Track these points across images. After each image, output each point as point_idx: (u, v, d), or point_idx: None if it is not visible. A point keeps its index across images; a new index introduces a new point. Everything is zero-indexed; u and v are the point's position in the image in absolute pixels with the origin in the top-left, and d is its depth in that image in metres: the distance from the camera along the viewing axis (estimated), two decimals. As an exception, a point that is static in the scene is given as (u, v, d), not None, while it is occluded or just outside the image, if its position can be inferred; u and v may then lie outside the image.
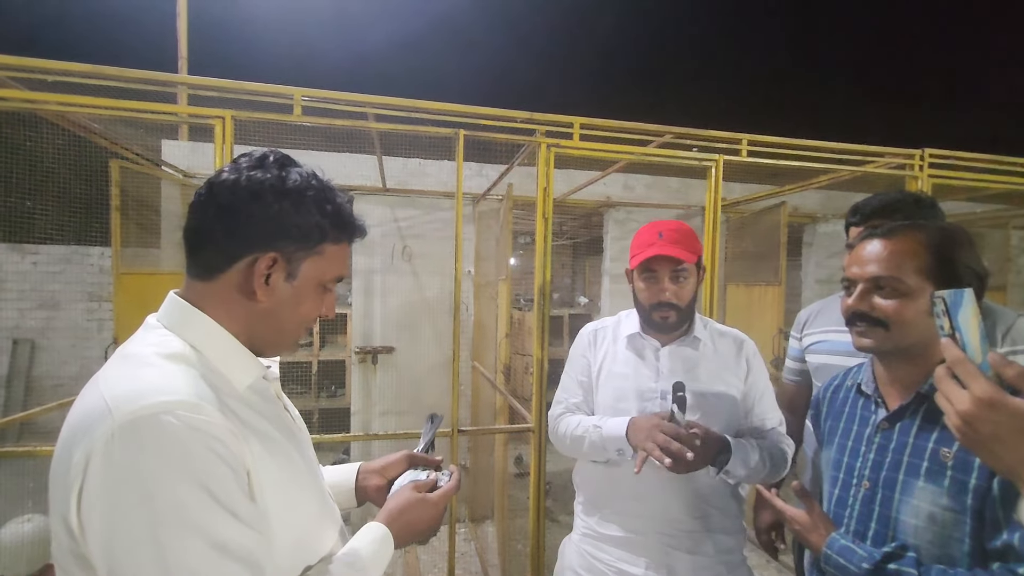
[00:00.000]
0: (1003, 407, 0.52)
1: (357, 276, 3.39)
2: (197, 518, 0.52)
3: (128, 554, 0.50)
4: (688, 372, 1.20)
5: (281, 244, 0.64)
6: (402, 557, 3.07)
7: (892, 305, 0.83)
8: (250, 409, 0.64)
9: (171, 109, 1.76)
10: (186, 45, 4.92)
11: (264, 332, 0.67)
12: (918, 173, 2.40)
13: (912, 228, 0.85)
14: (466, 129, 2.02)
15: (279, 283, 0.65)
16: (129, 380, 0.56)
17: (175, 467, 0.52)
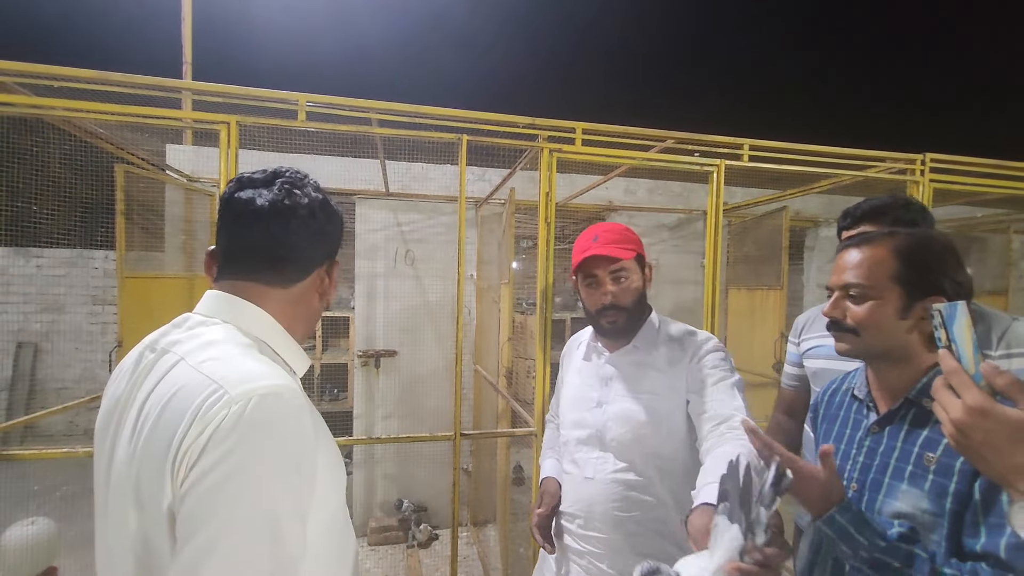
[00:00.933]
0: (994, 415, 0.54)
1: (360, 280, 3.40)
2: (296, 486, 0.58)
3: (245, 512, 0.54)
4: (626, 379, 1.17)
5: (336, 251, 0.79)
6: (404, 561, 3.07)
7: (860, 311, 0.85)
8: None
9: (177, 115, 1.78)
10: (190, 51, 4.95)
11: (308, 327, 0.78)
12: (919, 178, 2.40)
13: (885, 236, 0.87)
14: (469, 134, 2.03)
15: (330, 284, 0.79)
16: (231, 365, 0.61)
17: (300, 444, 0.59)
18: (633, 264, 1.15)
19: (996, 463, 0.55)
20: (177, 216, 3.01)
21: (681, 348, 1.16)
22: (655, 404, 1.12)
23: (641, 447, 1.12)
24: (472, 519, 3.50)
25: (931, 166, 2.41)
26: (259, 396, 0.57)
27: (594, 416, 1.17)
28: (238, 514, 0.53)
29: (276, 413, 0.58)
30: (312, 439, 0.62)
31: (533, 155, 2.14)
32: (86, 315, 5.24)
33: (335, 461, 0.71)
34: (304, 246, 0.72)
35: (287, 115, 1.93)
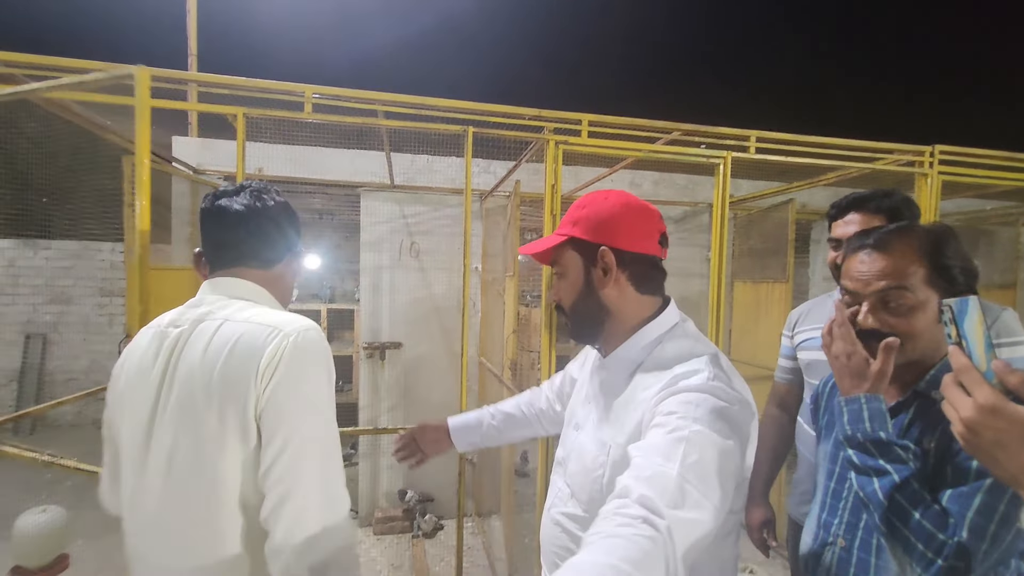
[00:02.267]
0: (1005, 414, 0.52)
1: (365, 273, 3.41)
2: (331, 385, 0.87)
3: (306, 402, 0.82)
4: (603, 403, 0.90)
5: (298, 240, 1.02)
6: (409, 550, 3.10)
7: (904, 321, 0.81)
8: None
9: (188, 107, 1.78)
10: (196, 43, 4.94)
11: (286, 298, 1.01)
12: (928, 170, 2.38)
13: (905, 235, 0.83)
14: (475, 126, 2.03)
15: (299, 264, 1.04)
16: (274, 316, 0.87)
17: (328, 360, 0.87)
18: (568, 254, 0.88)
19: (1007, 463, 0.54)
20: (183, 208, 3.02)
21: (661, 373, 0.81)
22: (603, 455, 0.83)
23: (600, 490, 0.81)
24: (477, 510, 3.53)
25: (940, 158, 2.39)
26: (304, 330, 0.84)
27: (569, 438, 0.96)
28: (310, 403, 0.82)
29: (315, 341, 0.85)
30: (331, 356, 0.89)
31: (539, 147, 2.13)
32: (93, 306, 5.28)
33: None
34: (276, 236, 0.96)
35: (292, 107, 1.93)
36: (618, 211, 0.85)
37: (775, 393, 1.63)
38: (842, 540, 0.91)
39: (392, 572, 2.89)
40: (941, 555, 0.70)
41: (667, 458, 0.64)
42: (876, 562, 0.85)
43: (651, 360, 0.85)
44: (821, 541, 0.96)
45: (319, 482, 0.80)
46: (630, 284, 0.86)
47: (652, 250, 0.87)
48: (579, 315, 0.90)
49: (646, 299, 0.88)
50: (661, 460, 0.64)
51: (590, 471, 0.83)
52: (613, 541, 0.55)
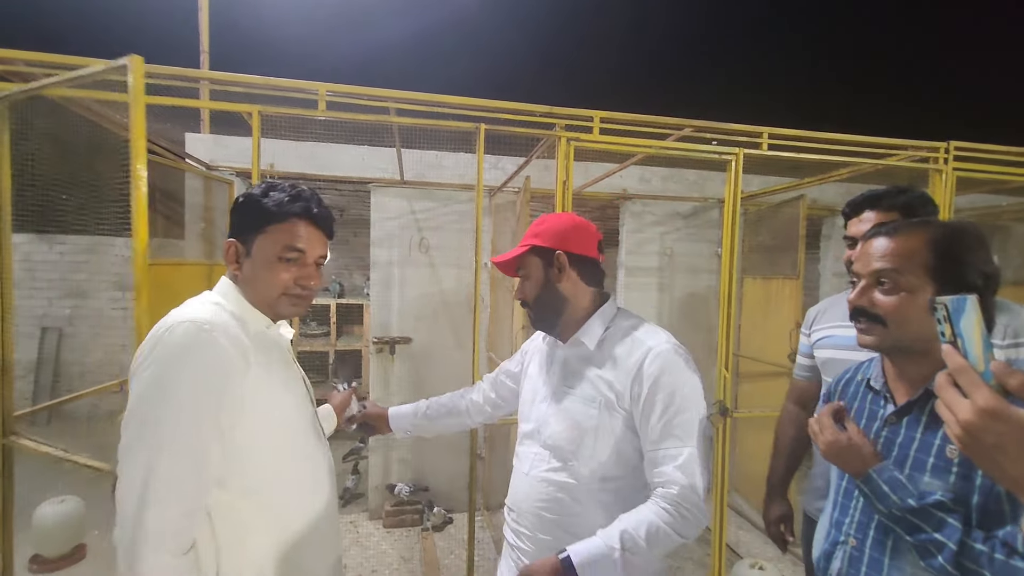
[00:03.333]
0: (1006, 418, 0.50)
1: (375, 268, 3.43)
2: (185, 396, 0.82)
3: (132, 405, 0.82)
4: (568, 376, 1.12)
5: (237, 233, 0.97)
6: (419, 543, 3.14)
7: (891, 301, 0.84)
8: (259, 343, 0.94)
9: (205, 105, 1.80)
10: (207, 40, 4.97)
11: (255, 295, 0.97)
12: (942, 166, 2.36)
13: (919, 226, 0.85)
14: (486, 123, 2.03)
15: (242, 259, 0.97)
16: (175, 311, 0.88)
17: (179, 359, 0.82)
18: (531, 259, 1.12)
19: (1008, 468, 0.52)
20: (197, 204, 3.05)
21: (626, 356, 1.05)
22: (593, 407, 1.05)
23: (579, 450, 1.05)
24: (486, 504, 3.56)
25: (955, 154, 2.37)
26: (176, 324, 0.83)
27: (537, 411, 1.15)
28: (133, 406, 0.83)
29: (169, 340, 0.82)
30: (222, 359, 0.84)
31: (550, 143, 2.13)
32: (108, 300, 5.35)
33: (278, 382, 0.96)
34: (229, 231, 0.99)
35: (305, 104, 1.94)
36: (567, 226, 1.12)
37: (793, 390, 1.64)
38: (853, 539, 0.90)
39: (402, 564, 2.93)
40: None
41: (678, 451, 0.98)
42: (889, 561, 0.84)
43: (613, 332, 1.10)
44: (832, 540, 0.95)
45: (130, 487, 0.78)
46: (580, 279, 1.12)
47: (593, 253, 1.13)
48: (542, 306, 1.13)
49: (592, 290, 1.14)
50: (675, 455, 0.98)
51: (580, 423, 1.05)
52: (656, 507, 0.96)
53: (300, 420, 1.00)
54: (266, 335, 0.98)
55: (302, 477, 0.99)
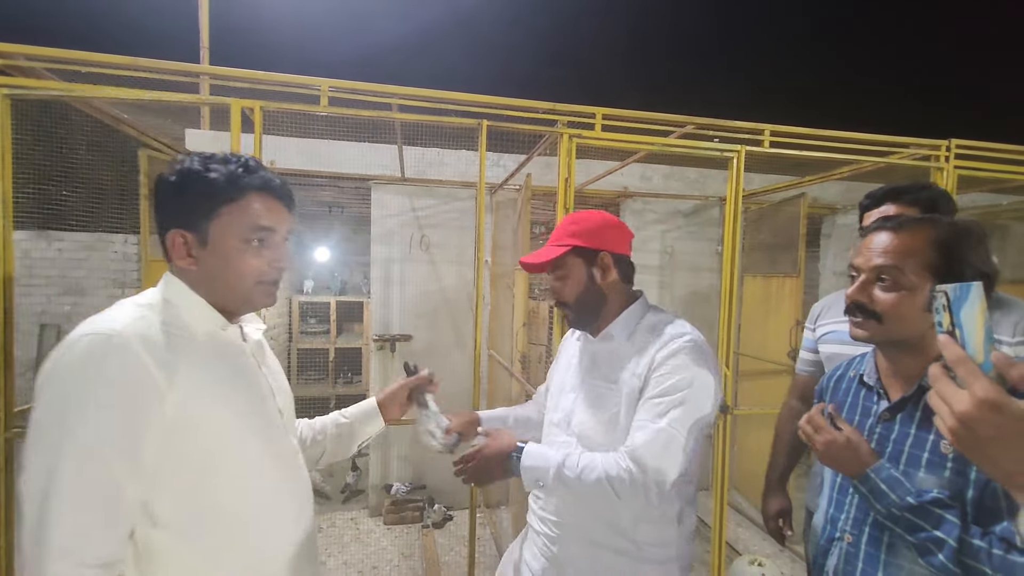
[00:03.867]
0: (1007, 409, 0.49)
1: (376, 265, 3.43)
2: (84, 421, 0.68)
3: (33, 427, 0.69)
4: (596, 367, 1.16)
5: (180, 223, 0.80)
6: (419, 540, 3.14)
7: (890, 299, 0.83)
8: (203, 351, 0.79)
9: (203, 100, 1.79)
10: (207, 35, 4.95)
11: (222, 290, 0.82)
12: (943, 164, 2.36)
13: (923, 223, 0.84)
14: (488, 119, 2.03)
15: (198, 251, 0.80)
16: (93, 319, 0.74)
17: (85, 379, 0.69)
18: (571, 260, 1.12)
19: (1004, 462, 0.50)
20: (197, 201, 3.05)
21: (646, 342, 1.09)
22: (614, 394, 1.09)
23: (606, 436, 1.08)
24: (486, 501, 3.56)
25: (956, 152, 2.37)
26: (80, 337, 0.71)
27: (566, 400, 1.18)
28: (33, 430, 0.69)
29: (72, 356, 0.70)
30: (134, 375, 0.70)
31: (552, 140, 2.13)
32: (107, 298, 5.33)
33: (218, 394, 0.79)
34: (158, 220, 0.82)
35: (307, 100, 1.94)
36: (607, 225, 1.14)
37: (796, 385, 1.64)
38: (848, 536, 0.90)
39: (403, 561, 2.93)
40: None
41: (647, 424, 1.01)
42: (885, 557, 0.84)
43: (642, 326, 1.13)
44: (828, 537, 0.95)
45: (26, 536, 0.66)
46: (619, 278, 1.15)
47: (628, 252, 1.18)
48: (582, 306, 1.15)
49: (626, 287, 1.18)
50: (644, 425, 1.01)
51: (607, 409, 1.09)
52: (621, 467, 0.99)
53: (253, 440, 0.83)
54: (219, 338, 0.82)
55: (257, 509, 0.82)
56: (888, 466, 0.82)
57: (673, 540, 1.09)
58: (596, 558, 1.09)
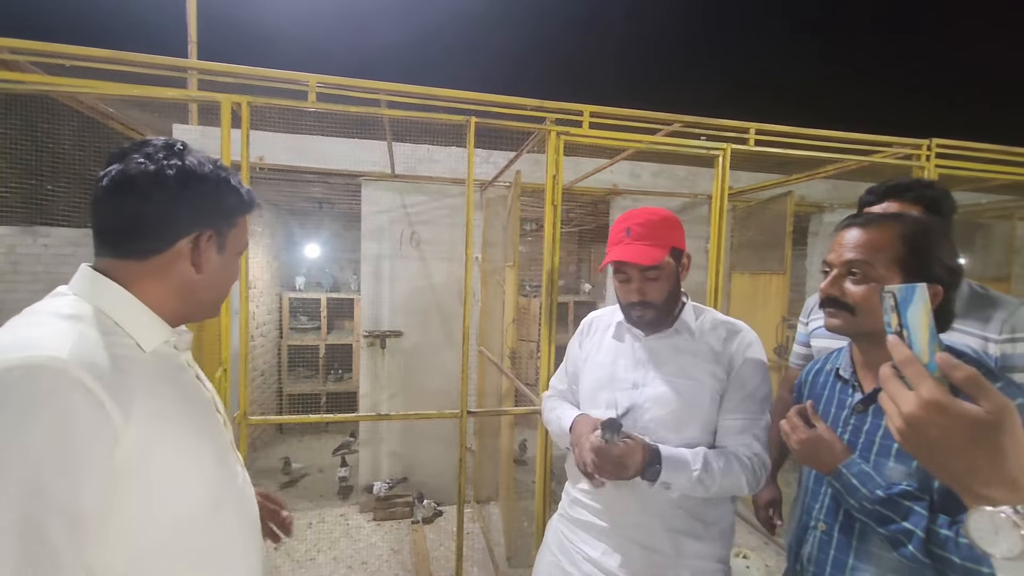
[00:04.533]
0: (952, 411, 0.48)
1: (366, 261, 3.43)
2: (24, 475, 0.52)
3: None
4: (664, 364, 1.16)
5: (214, 222, 0.75)
6: (409, 535, 3.15)
7: (860, 291, 0.87)
8: (151, 370, 0.68)
9: (191, 94, 1.79)
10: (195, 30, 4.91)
11: (202, 298, 0.77)
12: (925, 163, 2.41)
13: (891, 219, 0.88)
14: (477, 116, 2.04)
15: (212, 255, 0.75)
16: (9, 334, 0.59)
17: (14, 419, 0.53)
18: (666, 261, 1.12)
19: (950, 464, 0.50)
20: (185, 196, 3.02)
21: (720, 337, 1.17)
22: (695, 389, 1.13)
23: (679, 430, 1.12)
24: (476, 496, 3.58)
25: (937, 151, 2.41)
26: (14, 367, 0.54)
27: (629, 397, 1.16)
28: None
29: (30, 387, 0.54)
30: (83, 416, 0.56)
31: (540, 138, 2.15)
32: (93, 294, 5.28)
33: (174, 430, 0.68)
34: (145, 217, 0.69)
35: (295, 96, 1.94)
36: (678, 224, 1.16)
37: (788, 378, 1.67)
38: (823, 524, 0.93)
39: (392, 556, 2.94)
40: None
41: (755, 414, 1.12)
42: (856, 544, 0.87)
43: (702, 323, 1.19)
44: (803, 525, 0.99)
45: None
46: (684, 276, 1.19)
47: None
48: (668, 306, 1.16)
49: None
50: (757, 409, 1.13)
51: (687, 403, 1.12)
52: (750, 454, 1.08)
53: (208, 470, 0.74)
54: (163, 353, 0.73)
55: (215, 550, 0.74)
56: (859, 461, 0.85)
57: (728, 512, 1.19)
58: (675, 542, 1.12)
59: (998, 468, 0.48)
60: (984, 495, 0.49)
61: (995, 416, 0.47)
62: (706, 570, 1.13)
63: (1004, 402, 0.48)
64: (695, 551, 1.12)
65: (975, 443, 0.48)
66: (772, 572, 2.75)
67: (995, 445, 0.48)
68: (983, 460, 0.48)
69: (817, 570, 0.93)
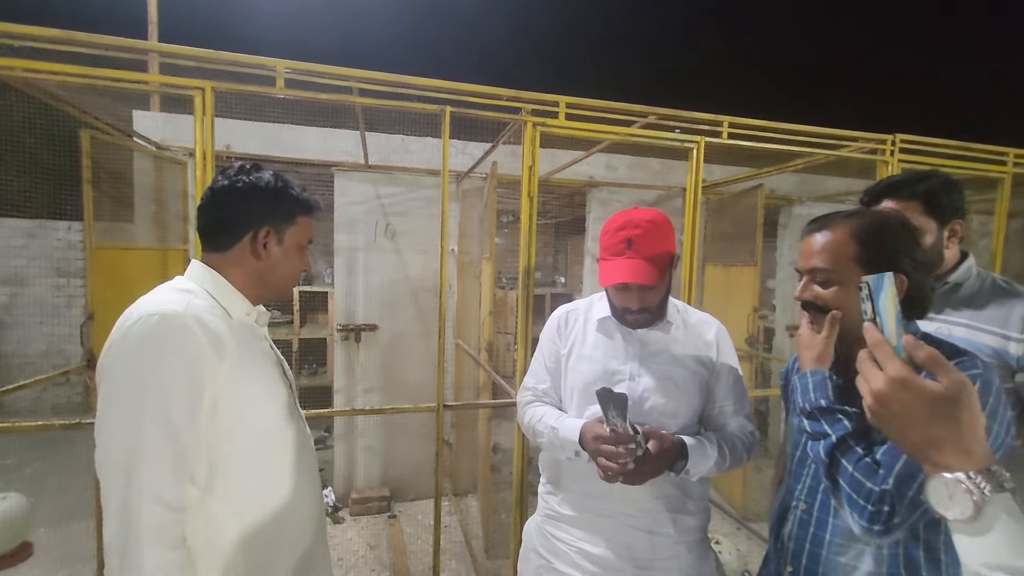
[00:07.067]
0: (914, 387, 0.53)
1: (339, 254, 3.36)
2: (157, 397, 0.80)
3: (113, 392, 0.81)
4: (657, 355, 1.20)
5: (271, 221, 0.98)
6: (386, 530, 3.13)
7: (828, 293, 0.91)
8: (237, 332, 0.93)
9: (150, 78, 1.70)
10: (156, 10, 4.68)
11: (270, 282, 1.00)
12: (889, 158, 2.48)
13: (844, 219, 0.91)
14: (452, 106, 2.00)
15: (273, 247, 0.99)
16: (147, 299, 0.88)
17: (159, 352, 0.81)
18: (665, 271, 1.14)
19: (911, 435, 0.55)
20: (147, 185, 2.90)
21: (701, 330, 1.25)
22: (687, 378, 1.19)
23: (675, 416, 1.18)
24: (453, 490, 3.58)
25: (900, 146, 2.48)
26: (147, 316, 0.82)
27: (627, 388, 1.17)
28: (115, 394, 0.81)
29: (148, 330, 0.81)
30: (194, 352, 0.83)
31: (516, 128, 2.13)
32: (50, 288, 5.05)
33: (253, 374, 0.93)
34: (220, 219, 0.96)
35: (264, 82, 1.86)
36: (671, 227, 1.17)
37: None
38: (803, 503, 0.99)
39: (369, 552, 2.92)
40: (869, 501, 0.78)
41: (741, 396, 1.24)
42: (834, 521, 0.93)
43: (685, 315, 1.27)
44: (785, 505, 1.04)
45: (113, 487, 0.78)
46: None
47: None
48: (662, 306, 1.21)
49: None
50: (742, 392, 1.24)
51: (682, 391, 1.18)
52: (746, 432, 1.20)
53: (276, 413, 0.98)
54: (246, 323, 0.98)
55: (276, 475, 0.96)
56: (824, 372, 0.92)
57: (707, 486, 1.27)
58: (675, 521, 1.17)
59: (954, 438, 0.53)
60: (942, 463, 0.53)
61: (953, 391, 0.52)
62: (697, 542, 1.20)
63: (961, 378, 0.53)
64: (687, 526, 1.18)
65: (934, 416, 0.53)
66: (744, 556, 2.82)
67: (952, 417, 0.52)
68: (942, 431, 0.53)
69: (797, 547, 0.98)
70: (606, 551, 1.16)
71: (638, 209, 1.16)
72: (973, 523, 0.51)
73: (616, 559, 1.15)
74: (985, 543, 0.51)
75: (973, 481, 0.51)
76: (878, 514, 0.77)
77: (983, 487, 0.50)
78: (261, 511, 0.93)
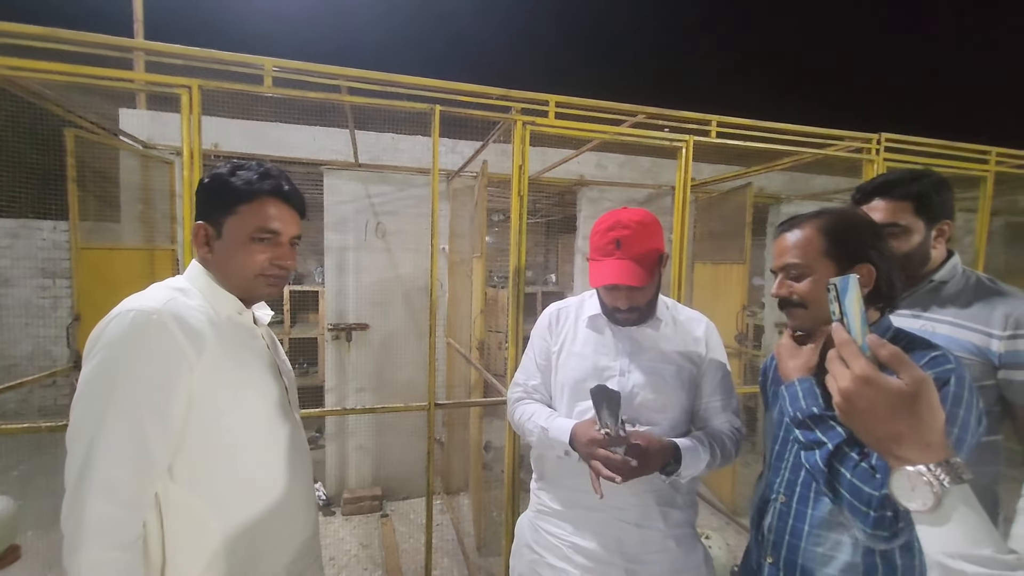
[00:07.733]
0: (877, 384, 0.56)
1: (330, 253, 3.35)
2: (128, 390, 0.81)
3: (82, 386, 0.82)
4: (646, 351, 1.21)
5: (206, 215, 0.96)
6: (378, 529, 3.13)
7: (802, 286, 0.94)
8: (224, 330, 0.93)
9: (136, 76, 1.69)
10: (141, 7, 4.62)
11: (231, 276, 0.97)
12: (874, 157, 2.51)
13: (810, 218, 0.96)
14: (442, 104, 2.00)
15: (214, 242, 0.96)
16: (133, 297, 0.87)
17: (130, 347, 0.82)
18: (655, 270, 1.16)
19: (876, 430, 0.57)
20: (133, 184, 2.87)
21: (690, 327, 1.26)
22: (676, 374, 1.20)
23: (664, 411, 1.19)
24: (445, 488, 3.58)
25: (886, 145, 2.52)
26: (123, 312, 0.83)
27: (617, 384, 1.18)
28: (83, 388, 0.82)
29: (123, 326, 0.82)
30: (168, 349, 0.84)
31: (506, 127, 2.13)
32: (35, 288, 4.98)
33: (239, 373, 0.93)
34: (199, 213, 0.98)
35: (252, 80, 1.85)
36: (660, 226, 1.18)
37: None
38: (783, 496, 1.01)
39: (361, 551, 2.92)
40: (871, 506, 0.79)
41: (729, 392, 1.24)
42: (812, 512, 0.96)
43: (675, 312, 1.28)
44: (765, 498, 1.07)
45: (69, 477, 0.79)
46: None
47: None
48: (652, 304, 1.22)
49: None
50: (730, 388, 1.25)
51: (670, 386, 1.19)
52: (733, 429, 1.20)
53: (265, 413, 0.97)
54: (237, 321, 0.97)
55: (263, 474, 0.96)
56: (811, 381, 0.93)
57: (697, 480, 1.24)
58: (664, 515, 1.19)
59: (915, 432, 0.55)
60: (904, 457, 0.55)
61: (913, 387, 0.55)
62: (686, 535, 1.22)
63: (921, 375, 0.55)
64: (676, 520, 1.20)
65: (896, 411, 0.55)
66: (733, 549, 2.86)
67: (913, 412, 0.55)
68: (903, 426, 0.55)
69: (776, 538, 1.01)
70: (597, 545, 1.18)
71: (627, 209, 1.17)
72: (934, 513, 0.53)
73: (606, 552, 1.17)
74: (945, 532, 0.53)
75: (933, 473, 0.53)
76: (882, 519, 0.77)
77: (942, 479, 0.53)
78: (246, 510, 0.92)
